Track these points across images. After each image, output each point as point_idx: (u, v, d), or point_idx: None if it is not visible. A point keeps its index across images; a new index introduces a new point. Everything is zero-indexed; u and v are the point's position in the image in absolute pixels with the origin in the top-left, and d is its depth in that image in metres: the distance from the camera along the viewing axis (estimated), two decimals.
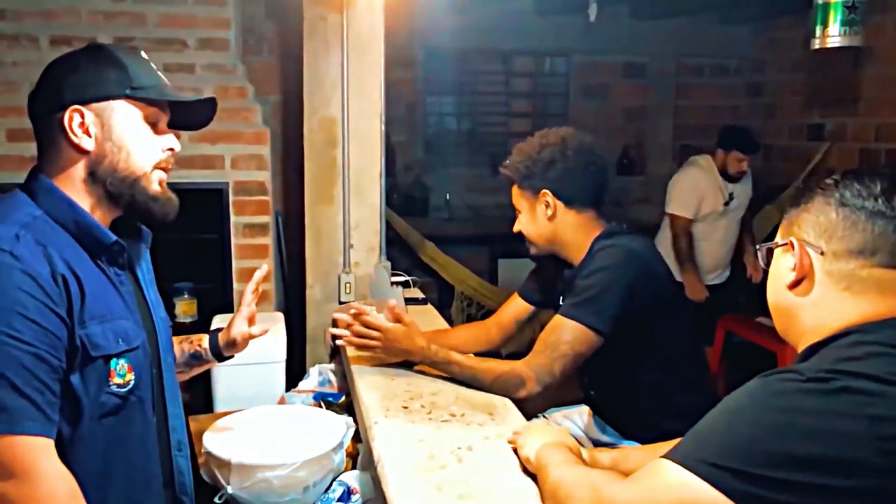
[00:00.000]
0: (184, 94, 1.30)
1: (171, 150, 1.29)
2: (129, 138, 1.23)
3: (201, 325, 2.72)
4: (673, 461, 0.94)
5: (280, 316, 2.74)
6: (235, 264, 2.86)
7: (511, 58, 5.13)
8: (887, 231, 1.01)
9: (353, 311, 1.91)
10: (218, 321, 2.62)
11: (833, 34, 2.38)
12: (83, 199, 1.23)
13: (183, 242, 2.86)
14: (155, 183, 1.27)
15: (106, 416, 1.18)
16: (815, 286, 1.05)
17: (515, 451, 1.40)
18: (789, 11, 4.30)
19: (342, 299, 2.77)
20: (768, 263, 1.15)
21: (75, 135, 1.20)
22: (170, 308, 2.80)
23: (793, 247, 1.07)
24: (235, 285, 2.84)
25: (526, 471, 1.34)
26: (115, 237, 1.24)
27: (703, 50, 4.99)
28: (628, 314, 1.68)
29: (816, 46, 2.42)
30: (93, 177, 1.22)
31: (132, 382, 1.21)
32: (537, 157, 1.81)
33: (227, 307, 2.83)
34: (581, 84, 5.03)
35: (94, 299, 1.17)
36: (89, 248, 1.21)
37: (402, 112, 4.63)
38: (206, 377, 2.54)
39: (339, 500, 1.66)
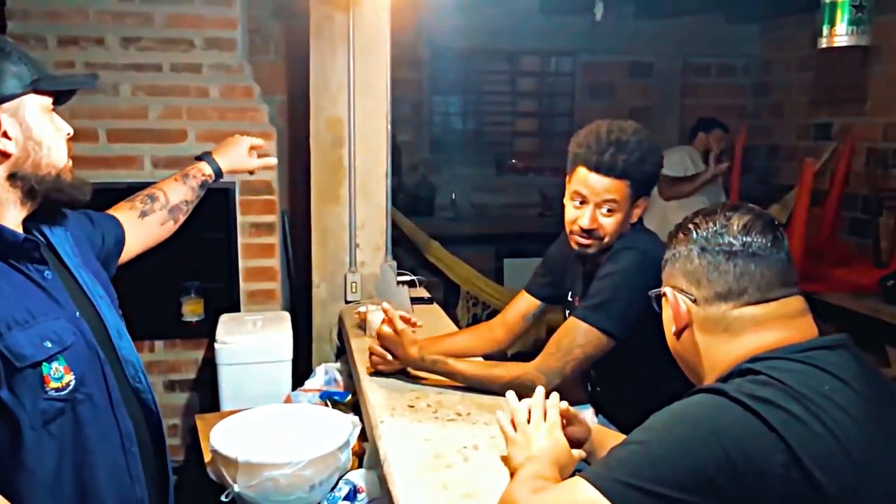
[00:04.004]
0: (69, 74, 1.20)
1: (69, 134, 1.25)
2: (45, 133, 1.18)
3: (207, 324, 2.73)
4: (587, 479, 0.96)
5: (286, 315, 2.75)
6: (242, 263, 2.86)
7: (517, 57, 5.13)
8: (748, 269, 1.02)
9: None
10: (224, 320, 2.63)
11: (840, 33, 2.37)
12: None
13: (189, 242, 2.85)
14: (69, 172, 1.24)
15: (51, 422, 1.13)
16: (697, 333, 1.07)
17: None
18: (796, 10, 4.28)
19: (348, 299, 2.78)
20: (660, 309, 1.17)
21: None
22: (177, 307, 2.82)
23: (667, 297, 1.10)
24: (242, 284, 2.85)
25: None
26: (23, 235, 1.18)
27: (709, 49, 4.97)
28: (639, 316, 1.68)
29: (823, 45, 2.41)
30: (13, 178, 1.16)
31: (73, 383, 1.15)
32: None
33: (234, 306, 2.83)
34: (587, 83, 5.02)
35: (11, 306, 1.11)
36: None
37: (407, 112, 4.63)
38: (212, 376, 2.55)
39: (345, 498, 1.67)
